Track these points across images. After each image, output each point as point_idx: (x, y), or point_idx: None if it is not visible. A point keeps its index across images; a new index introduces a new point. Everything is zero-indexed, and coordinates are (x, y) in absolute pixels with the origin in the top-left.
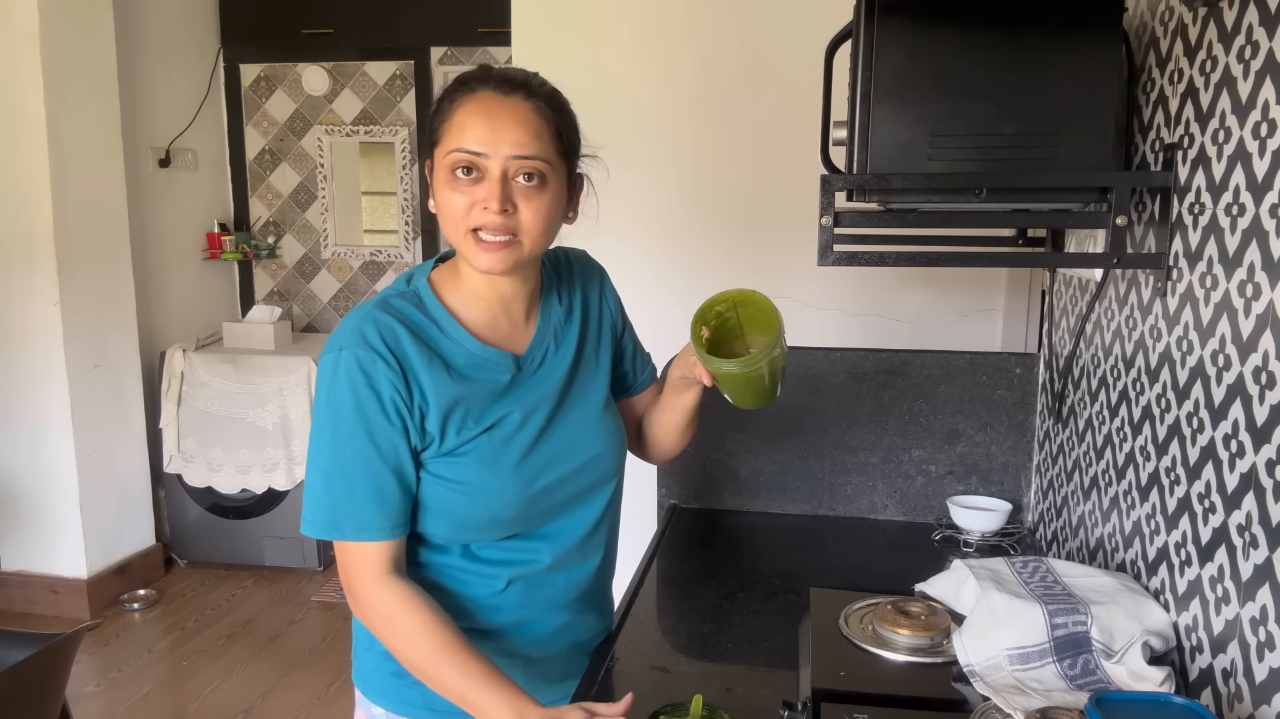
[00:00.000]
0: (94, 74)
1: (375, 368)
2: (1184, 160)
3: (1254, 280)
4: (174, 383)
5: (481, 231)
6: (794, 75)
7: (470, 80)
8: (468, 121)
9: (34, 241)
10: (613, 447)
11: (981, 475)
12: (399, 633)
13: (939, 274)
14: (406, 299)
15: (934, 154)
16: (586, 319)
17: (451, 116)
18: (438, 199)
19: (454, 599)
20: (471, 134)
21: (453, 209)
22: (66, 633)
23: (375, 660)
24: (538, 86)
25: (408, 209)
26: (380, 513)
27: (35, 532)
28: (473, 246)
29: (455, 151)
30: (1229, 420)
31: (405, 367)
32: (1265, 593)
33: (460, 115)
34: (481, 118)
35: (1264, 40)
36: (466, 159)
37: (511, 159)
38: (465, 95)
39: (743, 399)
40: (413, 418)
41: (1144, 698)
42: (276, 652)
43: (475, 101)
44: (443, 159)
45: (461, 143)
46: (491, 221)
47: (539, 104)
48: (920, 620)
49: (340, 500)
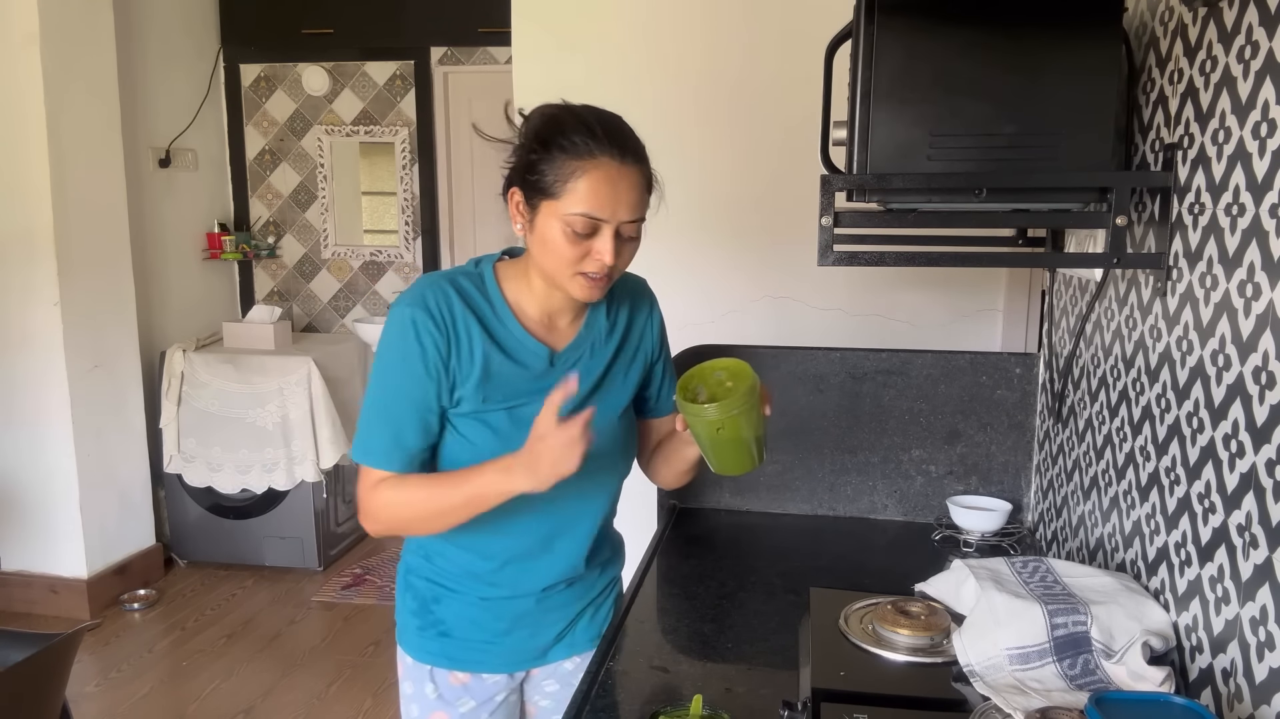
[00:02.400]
0: (94, 74)
1: (425, 327)
2: (1184, 160)
3: (1254, 280)
4: (174, 383)
5: (589, 274)
6: (794, 75)
7: (588, 144)
8: (593, 192)
9: (34, 241)
10: (622, 453)
11: (981, 475)
12: (399, 504)
13: (939, 274)
14: (470, 279)
15: (934, 154)
16: (627, 337)
17: (573, 181)
18: (548, 242)
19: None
20: (596, 204)
21: (564, 255)
22: (66, 633)
23: (405, 616)
24: (641, 148)
25: (408, 209)
26: (396, 449)
27: (35, 532)
28: (580, 285)
29: (580, 216)
30: (1229, 420)
31: (453, 332)
32: (1265, 593)
33: (584, 183)
34: (606, 188)
35: (1264, 40)
36: (591, 224)
37: (625, 222)
38: (587, 162)
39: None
40: (448, 378)
41: (1144, 698)
42: (276, 652)
43: (599, 170)
44: (561, 215)
45: (587, 210)
46: (602, 269)
47: (644, 169)
48: (920, 620)
49: (372, 433)
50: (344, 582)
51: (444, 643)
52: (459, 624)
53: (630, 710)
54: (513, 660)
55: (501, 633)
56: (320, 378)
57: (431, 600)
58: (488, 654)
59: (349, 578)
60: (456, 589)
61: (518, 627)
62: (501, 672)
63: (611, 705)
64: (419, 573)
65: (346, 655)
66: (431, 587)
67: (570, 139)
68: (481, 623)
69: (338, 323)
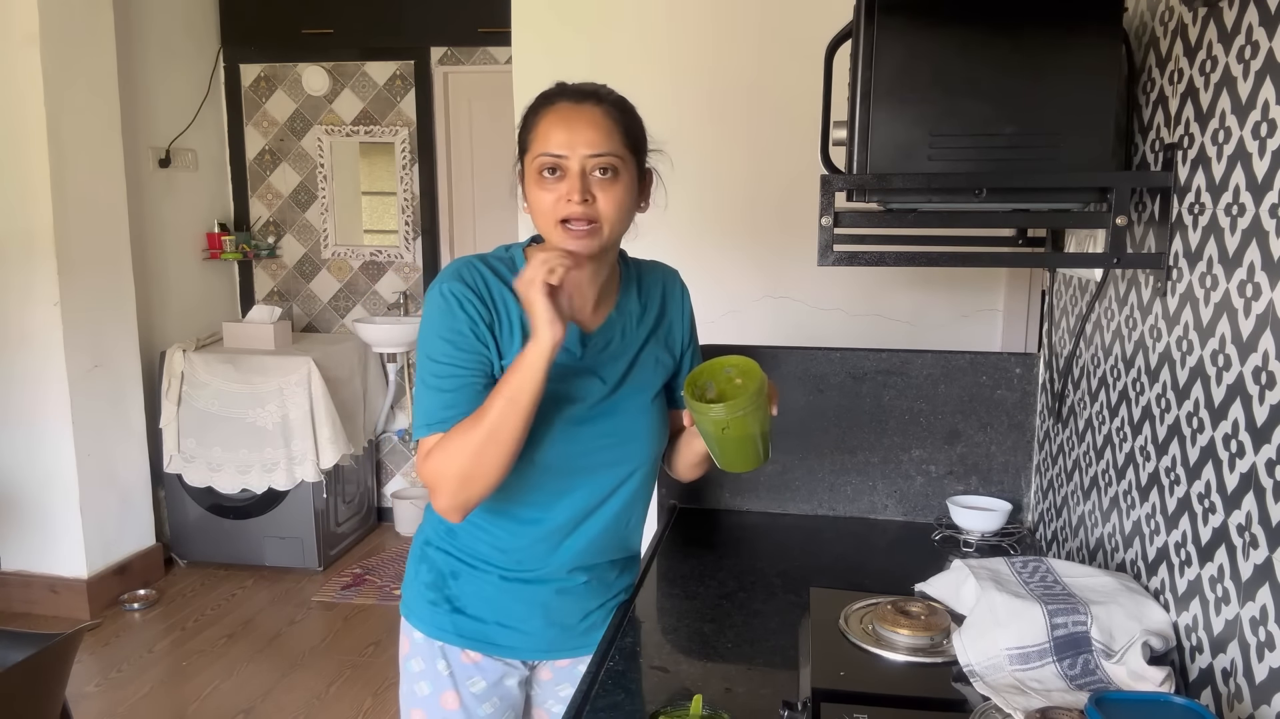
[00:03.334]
0: (94, 74)
1: (466, 298)
2: (1184, 160)
3: (1254, 280)
4: (174, 383)
5: (569, 222)
6: (794, 75)
7: (549, 95)
8: (549, 130)
9: (34, 241)
10: (651, 437)
11: (981, 475)
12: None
13: (939, 274)
14: (501, 261)
15: (934, 154)
16: (659, 323)
17: (536, 127)
18: (529, 198)
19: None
20: (553, 140)
21: (542, 204)
22: (66, 633)
23: (417, 589)
24: (606, 95)
25: (408, 209)
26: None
27: (35, 532)
28: (562, 235)
29: (541, 156)
30: (1229, 420)
31: (491, 303)
32: (1265, 593)
33: (543, 125)
34: (560, 125)
35: (1264, 40)
36: (551, 161)
37: (588, 157)
38: (546, 107)
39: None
40: (497, 346)
41: (1144, 698)
42: (276, 652)
43: (554, 112)
44: (531, 163)
45: (546, 148)
46: (575, 211)
47: (608, 108)
48: (920, 620)
49: (429, 406)
50: (344, 582)
51: (457, 619)
52: (474, 602)
53: (630, 710)
54: (527, 647)
55: (518, 616)
56: (320, 378)
57: (449, 575)
58: (502, 635)
59: (349, 578)
60: (477, 567)
61: (534, 612)
62: (515, 657)
63: (611, 705)
64: (439, 546)
65: (346, 655)
66: (451, 561)
67: (540, 97)
68: (498, 603)
69: (338, 323)
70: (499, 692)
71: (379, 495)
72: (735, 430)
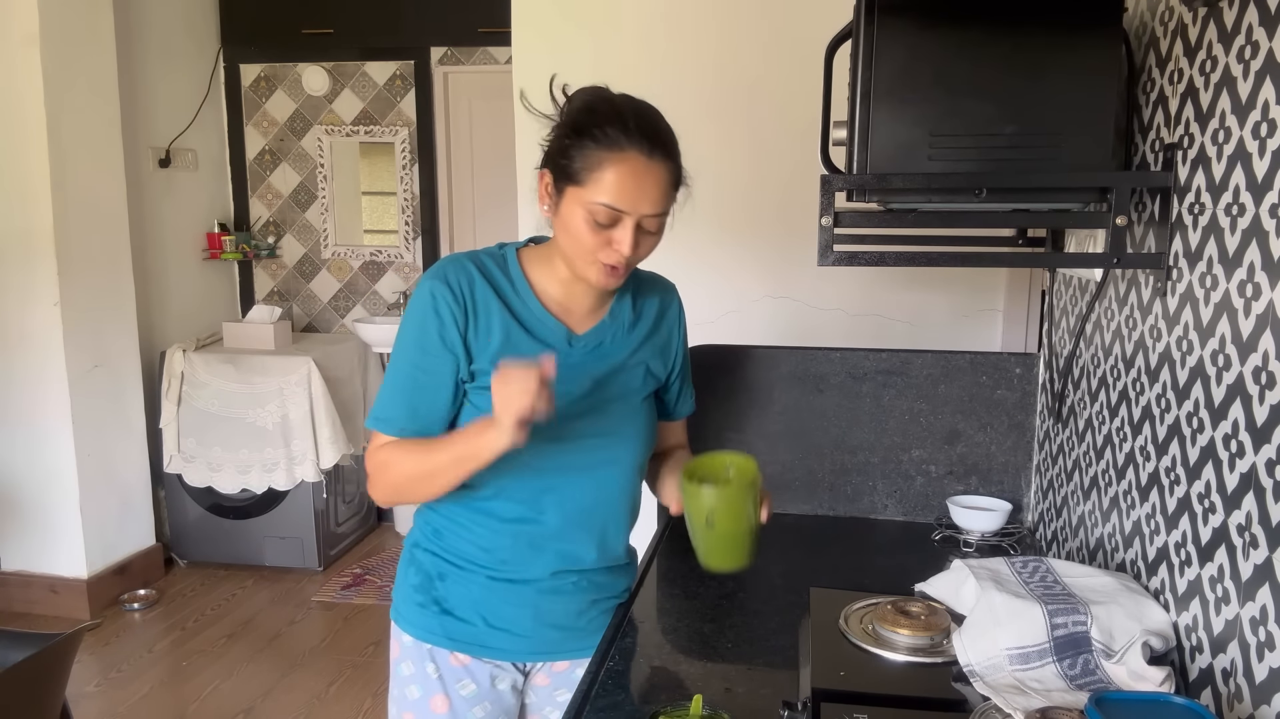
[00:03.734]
0: (94, 74)
1: (444, 299)
2: (1184, 160)
3: (1254, 280)
4: (174, 383)
5: (607, 262)
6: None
7: (616, 135)
8: (617, 184)
9: (34, 241)
10: (638, 437)
11: (981, 475)
12: (393, 466)
13: (939, 274)
14: (493, 258)
15: (934, 154)
16: (653, 334)
17: (599, 171)
18: (570, 227)
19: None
20: (619, 196)
21: (585, 242)
22: (66, 633)
23: (405, 593)
24: (671, 145)
25: (408, 209)
26: (410, 419)
27: (35, 532)
28: (598, 272)
29: (601, 205)
30: (1229, 420)
31: (471, 305)
32: (1265, 593)
33: (610, 175)
34: (631, 181)
35: (1264, 40)
36: (612, 215)
37: (647, 216)
38: (614, 152)
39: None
40: (465, 351)
41: (1144, 698)
42: (276, 652)
43: (625, 164)
44: (585, 202)
45: (609, 200)
46: (620, 261)
47: (672, 164)
48: (920, 620)
49: (387, 402)
50: (344, 582)
51: (445, 621)
52: (462, 603)
53: (630, 710)
54: (517, 648)
55: (507, 617)
56: (320, 378)
57: (436, 577)
58: (491, 637)
59: (349, 578)
60: (464, 568)
61: (523, 612)
62: (505, 658)
63: (611, 705)
64: (425, 547)
65: (346, 655)
66: (438, 562)
67: (603, 129)
68: (486, 604)
69: (338, 323)
70: (490, 696)
71: None
72: (721, 522)
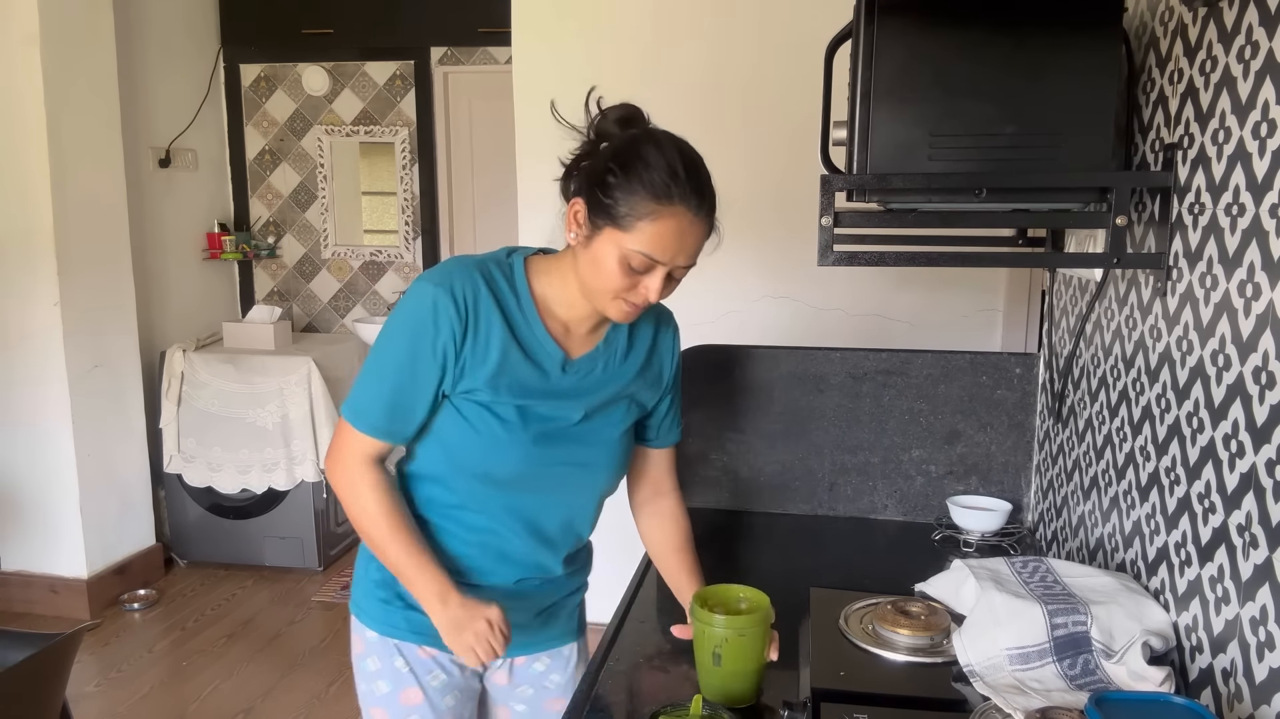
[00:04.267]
0: (94, 74)
1: (446, 310)
2: (1184, 160)
3: (1254, 280)
4: (174, 383)
5: (628, 304)
6: (794, 76)
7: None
8: (660, 236)
9: (34, 241)
10: (612, 470)
11: (981, 475)
12: (360, 506)
13: (939, 274)
14: (501, 269)
15: (934, 154)
16: (649, 361)
17: (645, 220)
18: (601, 266)
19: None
20: (661, 248)
21: (614, 284)
22: (66, 633)
23: (367, 588)
24: (713, 196)
25: (408, 209)
26: (387, 419)
27: (35, 532)
28: (618, 309)
29: (641, 254)
30: (1229, 420)
31: (473, 321)
32: (1265, 593)
33: (655, 227)
34: (674, 237)
35: (1264, 40)
36: (648, 264)
37: (679, 267)
38: (664, 207)
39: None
40: (456, 365)
41: (1144, 698)
42: (276, 652)
43: (673, 219)
44: (623, 246)
45: (650, 251)
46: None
47: (711, 219)
48: (920, 620)
49: (367, 397)
50: (344, 582)
51: (410, 616)
52: None
53: (630, 710)
54: None
55: None
56: (320, 378)
57: None
58: None
59: (349, 578)
60: None
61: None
62: None
63: (611, 705)
64: None
65: (346, 655)
66: None
67: (654, 175)
68: None
69: (338, 323)
70: (459, 683)
71: None
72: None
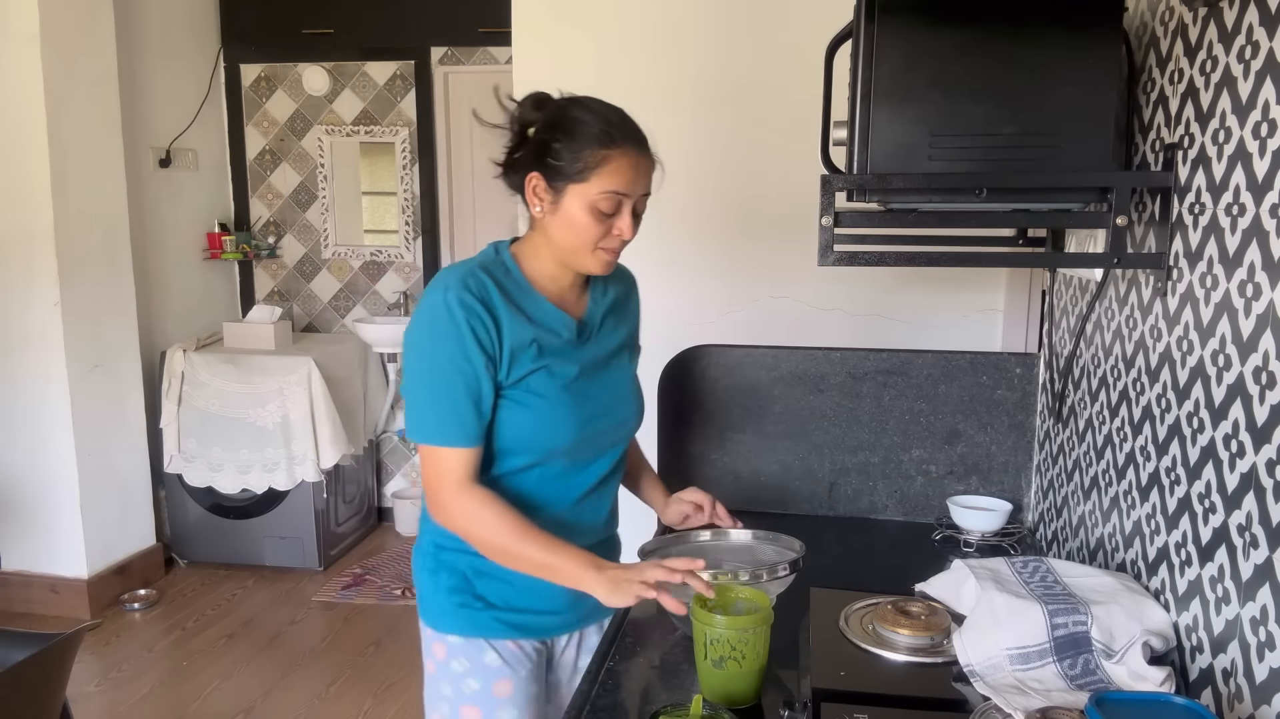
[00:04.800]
0: (94, 74)
1: (473, 310)
2: (1184, 160)
3: (1254, 280)
4: (174, 383)
5: (606, 251)
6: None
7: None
8: (621, 171)
9: (34, 241)
10: (638, 412)
11: (981, 475)
12: (484, 525)
13: (939, 274)
14: (495, 266)
15: (934, 154)
16: (623, 312)
17: (603, 165)
18: (574, 222)
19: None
20: (623, 182)
21: (590, 234)
22: (66, 633)
23: (443, 596)
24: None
25: (408, 209)
26: (459, 426)
27: (35, 532)
28: (599, 260)
29: (610, 193)
30: (1229, 420)
31: (494, 316)
32: (1265, 593)
33: (614, 165)
34: (632, 168)
35: (1264, 40)
36: (619, 200)
37: (641, 196)
38: (611, 148)
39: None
40: (501, 358)
41: (1144, 698)
42: (276, 652)
43: (624, 155)
44: (590, 195)
45: (617, 186)
46: (620, 245)
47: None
48: (920, 620)
49: (429, 413)
50: (344, 582)
51: (497, 614)
52: (505, 594)
53: (630, 710)
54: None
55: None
56: (320, 378)
57: (473, 574)
58: (537, 621)
59: (349, 578)
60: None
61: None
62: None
63: (611, 705)
64: (453, 548)
65: (346, 655)
66: (471, 559)
67: (592, 129)
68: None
69: (338, 323)
70: (539, 673)
71: (379, 495)
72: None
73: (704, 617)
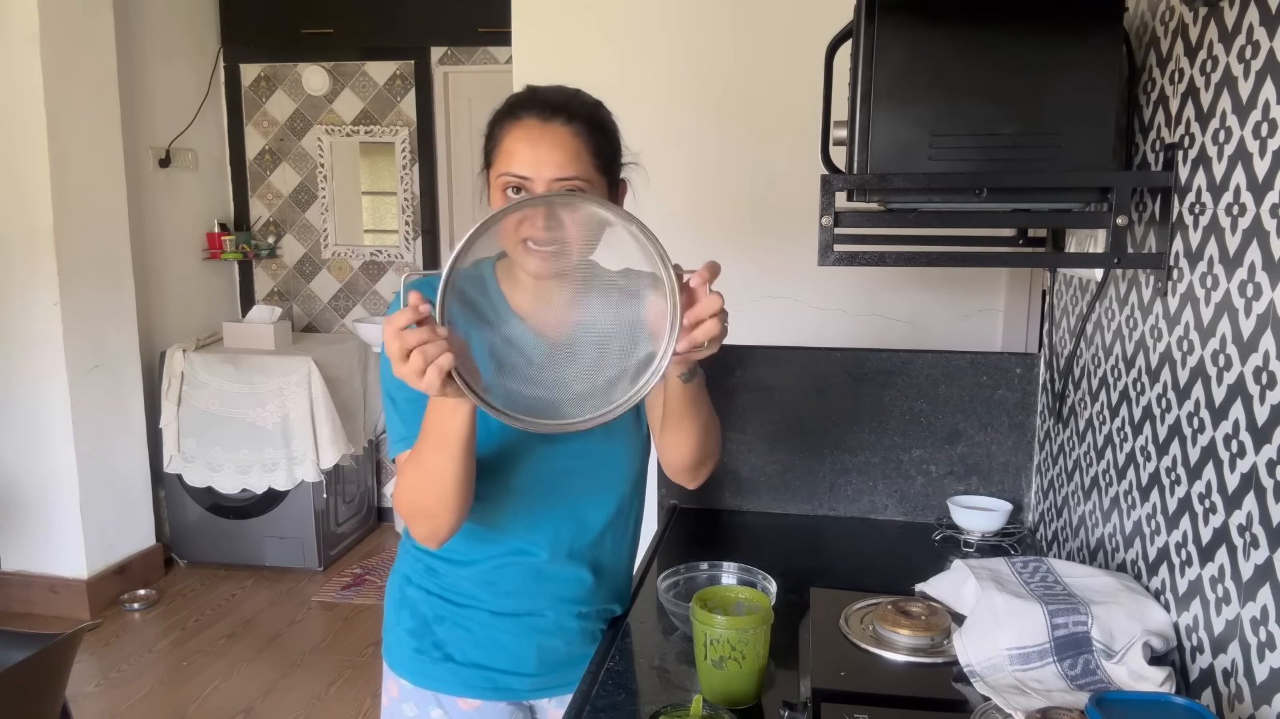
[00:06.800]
0: (94, 74)
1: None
2: (1184, 160)
3: (1254, 280)
4: (174, 383)
5: (530, 241)
6: (794, 75)
7: (516, 107)
8: (514, 148)
9: (34, 241)
10: (631, 450)
11: (982, 475)
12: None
13: (939, 274)
14: (471, 281)
15: (934, 154)
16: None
17: (500, 142)
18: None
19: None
20: (518, 160)
21: (505, 223)
22: (66, 633)
23: (399, 637)
24: (578, 108)
25: (408, 209)
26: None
27: (35, 532)
28: (524, 254)
29: (504, 175)
30: (1229, 420)
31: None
32: (1266, 593)
33: (508, 142)
34: (526, 145)
35: (1264, 40)
36: (514, 182)
37: (554, 180)
38: (511, 122)
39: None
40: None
41: (1144, 698)
42: (276, 652)
43: (520, 129)
44: (495, 180)
45: (509, 168)
46: (538, 235)
47: (578, 126)
48: (920, 620)
49: (399, 424)
50: (344, 582)
51: (451, 668)
52: (464, 646)
53: (630, 710)
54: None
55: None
56: (320, 378)
57: (434, 619)
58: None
59: (349, 578)
60: (464, 605)
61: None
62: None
63: (611, 706)
64: (419, 584)
65: (346, 655)
66: (434, 602)
67: (504, 105)
68: (490, 643)
69: (338, 323)
70: None
71: (379, 495)
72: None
73: (704, 617)
